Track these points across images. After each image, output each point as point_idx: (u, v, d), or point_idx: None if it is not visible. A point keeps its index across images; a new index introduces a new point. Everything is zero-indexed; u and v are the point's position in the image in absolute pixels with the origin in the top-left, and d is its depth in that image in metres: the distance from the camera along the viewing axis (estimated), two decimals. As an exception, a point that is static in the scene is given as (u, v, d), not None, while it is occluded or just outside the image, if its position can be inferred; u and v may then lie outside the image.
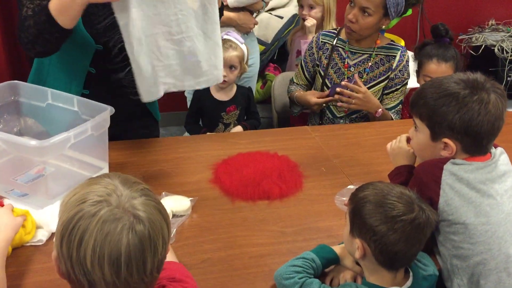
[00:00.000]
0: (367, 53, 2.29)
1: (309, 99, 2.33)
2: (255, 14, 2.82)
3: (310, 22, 2.74)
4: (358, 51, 2.30)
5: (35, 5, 1.56)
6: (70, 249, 0.87)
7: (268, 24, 3.13)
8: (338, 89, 2.22)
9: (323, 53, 2.34)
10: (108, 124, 1.59)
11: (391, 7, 2.10)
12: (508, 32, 3.98)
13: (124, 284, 0.88)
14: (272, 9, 3.27)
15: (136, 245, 0.87)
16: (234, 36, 2.31)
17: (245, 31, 2.69)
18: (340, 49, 2.32)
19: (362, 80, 2.28)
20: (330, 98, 2.28)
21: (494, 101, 1.26)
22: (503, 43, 3.87)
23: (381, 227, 1.13)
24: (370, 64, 2.28)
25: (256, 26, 2.80)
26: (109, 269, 0.86)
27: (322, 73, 2.36)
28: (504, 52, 3.85)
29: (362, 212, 1.16)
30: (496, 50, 3.86)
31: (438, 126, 1.30)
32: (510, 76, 3.83)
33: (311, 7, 2.74)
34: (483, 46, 3.88)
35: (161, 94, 1.59)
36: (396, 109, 2.35)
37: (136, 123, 2.00)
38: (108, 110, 1.57)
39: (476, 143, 1.29)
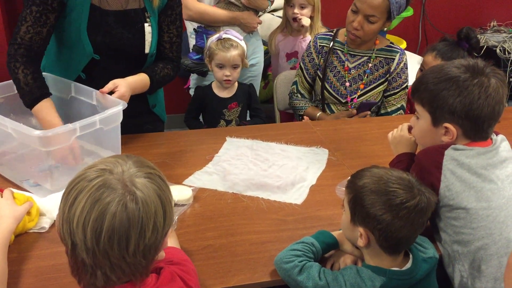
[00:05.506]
0: (367, 55, 2.28)
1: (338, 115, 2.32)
2: (259, 14, 2.82)
3: (307, 21, 2.74)
4: (357, 54, 2.28)
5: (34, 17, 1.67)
6: (64, 206, 0.91)
7: (271, 25, 3.13)
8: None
9: (322, 57, 2.32)
10: (120, 119, 1.60)
11: (394, 10, 2.11)
12: (510, 33, 3.99)
13: (103, 255, 0.88)
14: (274, 10, 3.29)
15: (123, 220, 0.88)
16: (233, 34, 2.30)
17: (249, 30, 2.68)
18: (338, 51, 2.30)
19: (363, 82, 2.28)
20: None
21: (494, 85, 1.27)
22: (505, 44, 3.89)
23: (386, 215, 1.12)
24: (370, 65, 2.27)
25: (259, 25, 2.80)
26: (91, 234, 0.87)
27: (321, 76, 2.34)
28: (506, 53, 3.86)
29: (364, 202, 1.15)
30: (498, 51, 3.86)
31: (439, 110, 1.31)
32: (512, 77, 3.84)
33: (303, 7, 2.74)
34: (485, 47, 3.88)
35: None
36: (397, 114, 2.34)
37: (142, 118, 2.01)
38: (120, 105, 1.58)
39: (477, 127, 1.30)
